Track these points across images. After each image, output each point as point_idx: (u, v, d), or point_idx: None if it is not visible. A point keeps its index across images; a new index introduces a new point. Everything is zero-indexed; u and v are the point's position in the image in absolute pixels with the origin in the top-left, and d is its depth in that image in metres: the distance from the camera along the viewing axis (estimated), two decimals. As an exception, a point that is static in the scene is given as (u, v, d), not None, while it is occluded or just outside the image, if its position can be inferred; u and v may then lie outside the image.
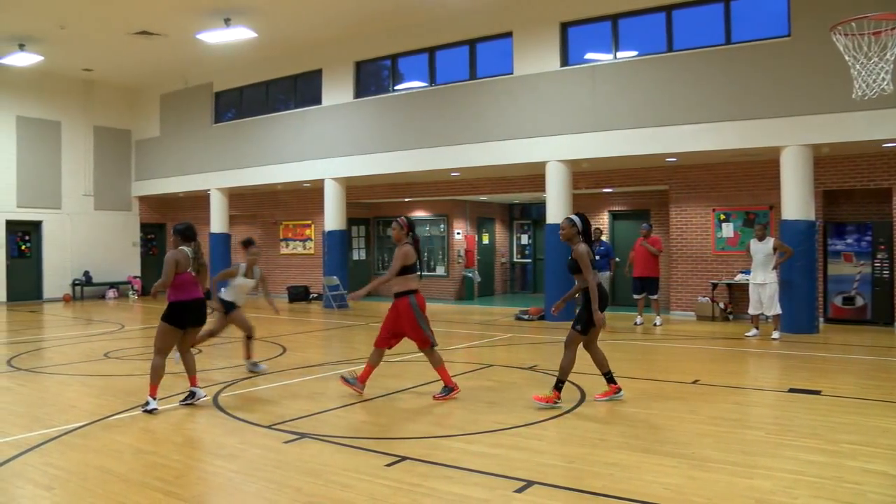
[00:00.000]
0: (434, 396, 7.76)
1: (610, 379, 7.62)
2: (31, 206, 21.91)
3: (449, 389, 7.77)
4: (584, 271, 7.23)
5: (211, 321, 8.84)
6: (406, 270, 7.73)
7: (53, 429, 6.60)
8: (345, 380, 7.99)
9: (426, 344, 7.75)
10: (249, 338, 9.66)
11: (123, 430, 6.57)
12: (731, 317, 15.46)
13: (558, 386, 7.31)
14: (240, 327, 9.71)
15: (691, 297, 16.18)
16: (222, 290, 9.75)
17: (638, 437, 6.18)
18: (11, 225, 21.55)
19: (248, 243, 9.94)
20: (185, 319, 7.29)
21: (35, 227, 22.21)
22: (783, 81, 13.01)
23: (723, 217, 15.93)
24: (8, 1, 15.76)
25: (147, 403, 7.14)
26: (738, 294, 15.46)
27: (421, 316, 7.73)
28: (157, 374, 7.19)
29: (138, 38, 18.26)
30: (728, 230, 15.84)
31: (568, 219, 7.52)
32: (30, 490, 5.04)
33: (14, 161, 21.46)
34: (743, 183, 15.74)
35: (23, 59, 19.17)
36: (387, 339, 7.87)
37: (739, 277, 15.16)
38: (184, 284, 7.26)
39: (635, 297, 14.93)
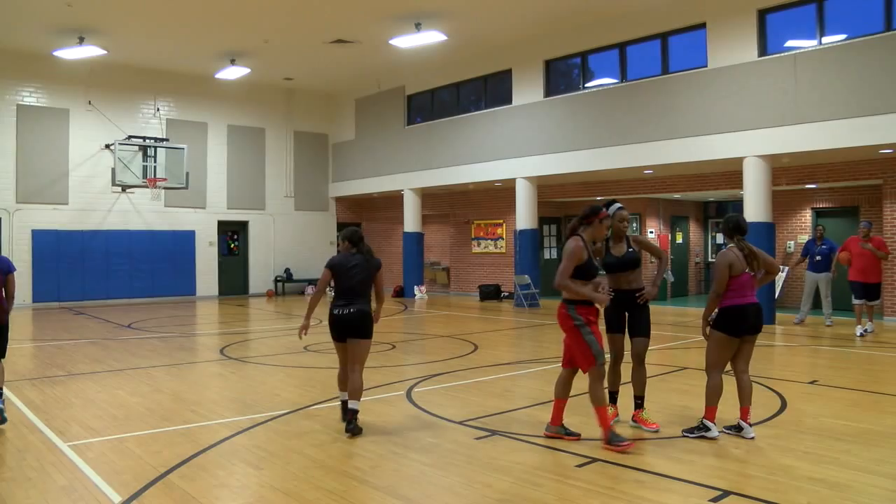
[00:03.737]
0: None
1: (614, 399, 6.72)
2: (239, 207, 23.61)
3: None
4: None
5: None
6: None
7: (260, 414, 7.05)
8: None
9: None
10: None
11: (323, 420, 6.88)
12: (958, 324, 14.01)
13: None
14: None
15: (909, 302, 14.83)
16: None
17: (849, 453, 5.69)
18: (222, 225, 23.33)
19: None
20: (739, 327, 6.24)
21: (242, 226, 23.91)
22: None
23: (947, 214, 14.47)
24: (222, 22, 17.15)
25: (706, 429, 6.16)
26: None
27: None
28: (715, 394, 6.19)
29: (334, 46, 19.18)
30: (954, 228, 14.37)
31: (622, 208, 6.55)
32: (241, 468, 5.47)
33: (225, 166, 23.22)
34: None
35: (233, 73, 20.98)
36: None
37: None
38: (742, 287, 6.22)
39: (855, 302, 13.20)
